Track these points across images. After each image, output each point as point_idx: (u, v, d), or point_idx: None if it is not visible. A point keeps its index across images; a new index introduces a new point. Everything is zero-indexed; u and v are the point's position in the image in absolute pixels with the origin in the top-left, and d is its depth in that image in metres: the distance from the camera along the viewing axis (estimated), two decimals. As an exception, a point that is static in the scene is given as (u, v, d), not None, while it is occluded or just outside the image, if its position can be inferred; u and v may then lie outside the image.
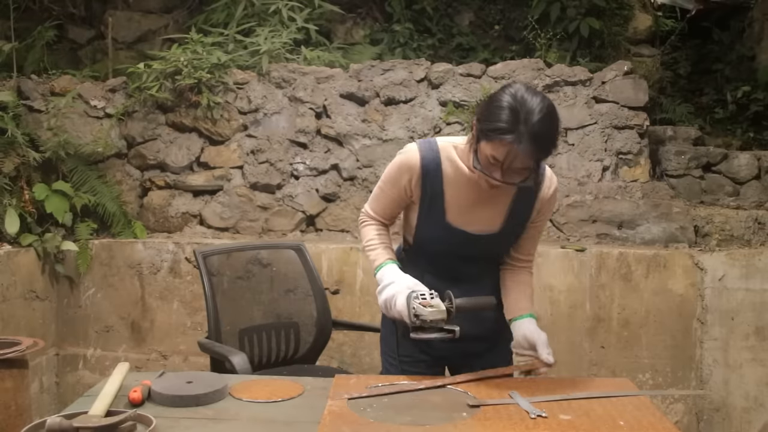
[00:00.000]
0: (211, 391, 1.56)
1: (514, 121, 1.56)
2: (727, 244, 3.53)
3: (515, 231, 1.84)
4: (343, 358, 3.41)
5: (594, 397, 1.59)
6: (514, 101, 1.58)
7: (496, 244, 1.85)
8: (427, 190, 1.79)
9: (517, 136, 1.55)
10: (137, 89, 3.77)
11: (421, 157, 1.77)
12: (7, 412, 2.27)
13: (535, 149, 1.56)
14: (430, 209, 1.80)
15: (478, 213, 1.78)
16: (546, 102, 1.60)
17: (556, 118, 1.61)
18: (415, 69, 3.81)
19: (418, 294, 1.65)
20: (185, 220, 3.81)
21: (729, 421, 3.26)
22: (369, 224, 1.93)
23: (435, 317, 1.61)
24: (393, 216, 1.93)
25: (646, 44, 4.82)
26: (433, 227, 1.82)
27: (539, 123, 1.56)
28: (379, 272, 1.82)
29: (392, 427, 1.40)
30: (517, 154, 1.57)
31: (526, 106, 1.57)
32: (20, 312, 3.27)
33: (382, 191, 1.88)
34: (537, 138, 1.55)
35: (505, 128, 1.56)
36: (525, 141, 1.55)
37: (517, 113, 1.56)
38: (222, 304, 2.37)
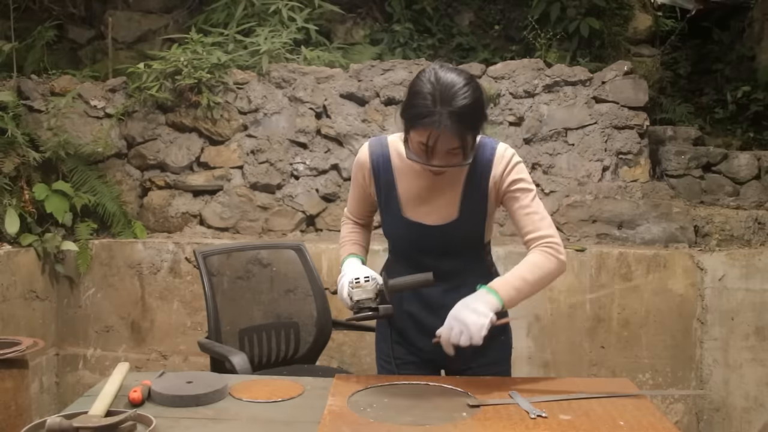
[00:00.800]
0: (211, 391, 1.56)
1: (431, 104, 1.57)
2: (727, 244, 3.53)
3: (475, 216, 1.78)
4: (343, 358, 3.41)
5: (594, 397, 1.59)
6: (429, 84, 1.59)
7: (458, 232, 1.78)
8: (381, 185, 1.82)
9: (436, 118, 1.56)
10: (137, 89, 3.77)
11: (370, 153, 1.83)
12: (7, 412, 2.27)
13: (457, 127, 1.56)
14: (387, 205, 1.83)
15: (433, 203, 1.77)
16: (462, 77, 1.59)
17: (474, 92, 1.58)
18: (415, 69, 3.80)
19: (353, 278, 1.70)
20: (185, 220, 3.81)
21: (729, 421, 3.26)
22: (344, 224, 2.03)
23: (360, 297, 1.68)
24: (365, 214, 1.99)
25: (646, 44, 4.82)
26: (393, 223, 1.84)
27: (456, 100, 1.56)
28: (342, 267, 1.87)
29: (392, 427, 1.40)
30: (439, 136, 1.57)
31: (440, 86, 1.57)
32: (20, 312, 3.27)
33: (351, 192, 1.97)
34: (456, 116, 1.55)
35: (424, 112, 1.57)
36: (445, 120, 1.55)
37: (432, 95, 1.56)
38: (222, 304, 2.37)
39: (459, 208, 1.76)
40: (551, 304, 3.31)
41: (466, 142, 1.60)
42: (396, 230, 1.85)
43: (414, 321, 1.86)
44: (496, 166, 1.74)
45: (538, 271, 1.67)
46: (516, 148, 3.64)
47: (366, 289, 1.68)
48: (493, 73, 3.78)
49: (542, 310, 3.32)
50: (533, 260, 1.69)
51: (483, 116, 1.64)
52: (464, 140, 1.59)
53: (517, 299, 1.66)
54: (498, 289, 1.63)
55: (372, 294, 1.68)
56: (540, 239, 1.71)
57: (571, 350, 3.30)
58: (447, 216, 1.77)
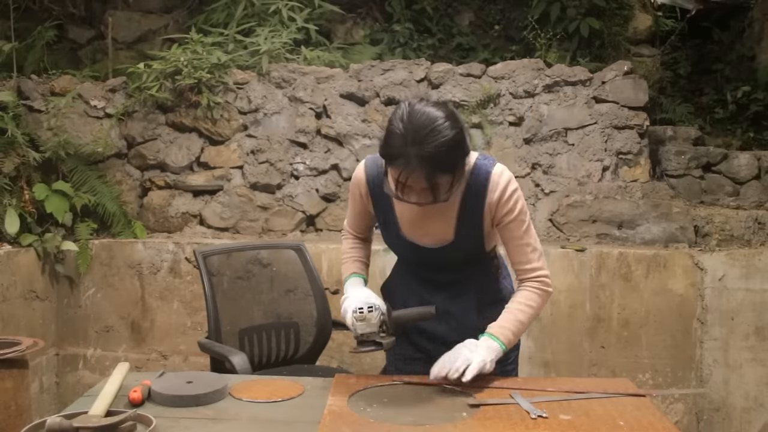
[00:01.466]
0: (211, 391, 1.56)
1: (401, 145, 1.54)
2: (727, 244, 3.53)
3: (471, 237, 1.79)
4: (343, 358, 3.41)
5: (594, 397, 1.59)
6: (401, 123, 1.56)
7: (456, 253, 1.80)
8: (378, 204, 1.83)
9: (405, 160, 1.54)
10: (137, 89, 3.77)
11: (366, 174, 1.82)
12: (7, 412, 2.27)
13: (426, 170, 1.53)
14: (386, 223, 1.84)
15: (429, 226, 1.76)
16: (438, 114, 1.55)
17: (448, 131, 1.54)
18: (415, 69, 3.81)
19: (357, 308, 1.70)
20: (185, 220, 3.81)
21: (729, 421, 3.26)
22: (345, 238, 2.02)
23: (364, 331, 1.69)
24: (364, 229, 1.99)
25: (646, 44, 4.81)
26: (392, 240, 1.86)
27: (426, 143, 1.52)
28: (344, 286, 1.89)
29: (392, 427, 1.40)
30: (410, 176, 1.55)
31: (412, 126, 1.54)
32: (20, 312, 3.27)
33: (350, 206, 1.96)
34: (426, 159, 1.52)
35: (394, 153, 1.56)
36: (414, 163, 1.53)
37: (404, 135, 1.54)
38: (222, 304, 2.37)
39: (454, 231, 1.77)
40: (551, 304, 3.31)
41: (436, 183, 1.57)
42: (395, 247, 1.89)
43: (416, 325, 1.86)
44: (491, 192, 1.73)
45: (530, 311, 1.76)
46: (516, 148, 3.69)
47: (370, 322, 1.69)
48: (493, 73, 3.78)
49: (542, 310, 3.31)
50: (525, 300, 1.76)
51: (459, 155, 1.59)
52: (433, 182, 1.56)
53: (514, 341, 1.74)
54: (499, 336, 1.70)
55: (375, 328, 1.69)
56: (529, 273, 1.78)
57: (571, 350, 3.30)
58: (442, 239, 1.78)
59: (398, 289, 1.91)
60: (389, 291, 1.96)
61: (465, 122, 1.79)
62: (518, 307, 1.75)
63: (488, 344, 1.68)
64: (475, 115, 3.71)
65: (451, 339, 1.85)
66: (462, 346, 1.68)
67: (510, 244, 1.78)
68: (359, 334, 1.70)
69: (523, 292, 1.77)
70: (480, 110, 3.72)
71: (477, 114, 3.71)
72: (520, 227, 1.75)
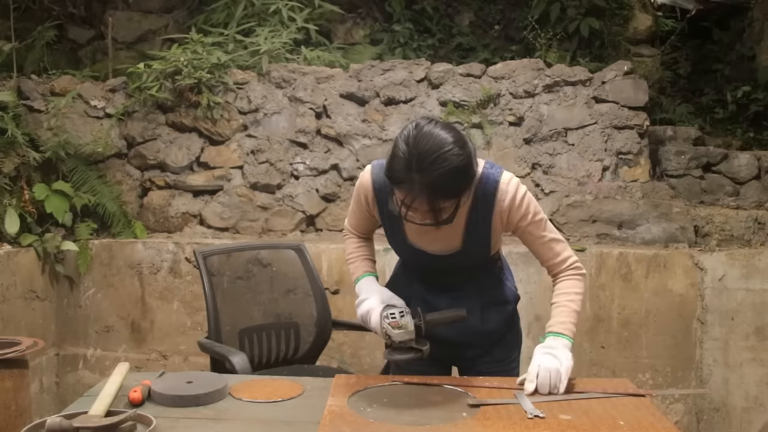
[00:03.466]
0: (211, 391, 1.56)
1: (406, 169, 1.52)
2: (727, 244, 3.53)
3: (479, 245, 1.78)
4: (343, 358, 3.41)
5: (594, 397, 1.59)
6: (407, 146, 1.53)
7: (464, 260, 1.80)
8: (384, 211, 1.80)
9: (409, 185, 1.52)
10: (137, 89, 3.77)
11: (372, 181, 1.79)
12: (7, 412, 2.27)
13: (429, 195, 1.52)
14: (392, 229, 1.83)
15: (436, 234, 1.73)
16: (445, 139, 1.52)
17: (455, 158, 1.51)
18: (415, 69, 3.81)
19: (389, 314, 1.68)
20: (185, 220, 3.81)
21: (729, 421, 3.26)
22: (350, 237, 1.99)
23: (403, 338, 1.65)
24: (367, 231, 1.98)
25: (646, 44, 4.81)
26: (399, 246, 1.85)
27: (431, 170, 1.49)
28: (357, 285, 1.86)
29: (392, 427, 1.40)
30: (414, 200, 1.54)
31: (417, 151, 1.50)
32: (20, 312, 3.27)
33: (353, 209, 1.93)
34: (429, 185, 1.51)
35: (399, 177, 1.54)
36: (417, 188, 1.51)
37: (408, 161, 1.51)
38: (222, 304, 2.37)
39: (462, 240, 1.77)
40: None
41: (440, 208, 1.56)
42: (402, 252, 1.88)
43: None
44: (500, 201, 1.71)
45: (579, 298, 1.78)
46: (516, 148, 3.69)
47: (407, 329, 1.66)
48: (493, 73, 3.78)
49: (542, 310, 3.32)
50: (573, 289, 1.78)
51: (465, 181, 1.56)
52: (437, 207, 1.55)
53: (576, 330, 1.77)
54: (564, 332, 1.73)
55: (413, 335, 1.66)
56: (563, 263, 1.79)
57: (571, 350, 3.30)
58: (450, 247, 1.78)
59: (401, 291, 1.90)
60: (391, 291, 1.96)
61: (465, 122, 1.79)
62: (569, 298, 1.76)
63: (563, 343, 1.70)
64: (475, 115, 3.71)
65: (455, 340, 1.85)
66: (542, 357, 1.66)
67: (535, 246, 1.79)
68: (397, 342, 1.65)
69: (566, 282, 1.79)
70: (480, 110, 3.72)
71: (477, 114, 3.71)
72: (539, 227, 1.76)
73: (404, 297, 1.82)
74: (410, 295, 1.87)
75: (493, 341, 1.89)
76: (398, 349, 1.67)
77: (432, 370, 1.85)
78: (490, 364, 1.88)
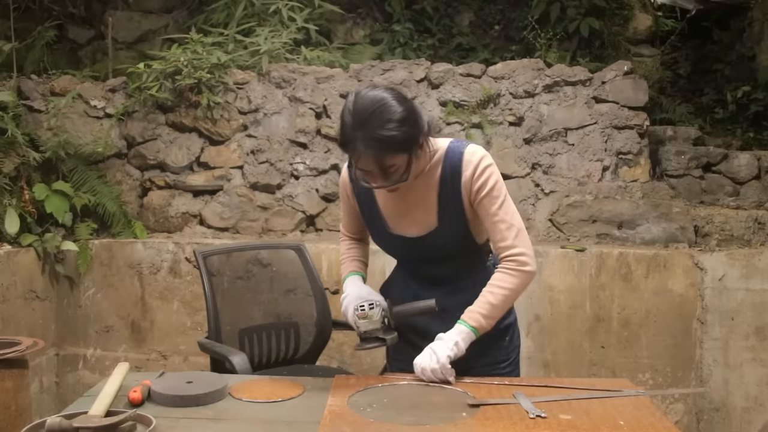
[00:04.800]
0: (211, 391, 1.56)
1: (350, 129, 1.58)
2: (727, 244, 3.53)
3: (455, 222, 1.77)
4: (343, 358, 3.41)
5: (594, 397, 1.59)
6: (346, 111, 1.60)
7: (441, 241, 1.79)
8: (363, 202, 1.86)
9: (354, 144, 1.58)
10: (137, 89, 3.77)
11: (349, 174, 1.86)
12: (7, 412, 2.27)
13: (373, 152, 1.56)
14: (372, 220, 1.87)
15: (412, 215, 1.78)
16: (380, 97, 1.57)
17: (393, 111, 1.56)
18: (415, 69, 3.81)
19: (359, 306, 1.73)
20: (185, 220, 3.81)
21: (729, 421, 3.26)
22: (343, 240, 2.05)
23: (368, 328, 1.71)
24: (359, 230, 2.02)
25: (646, 44, 4.81)
26: (380, 237, 1.88)
27: (370, 124, 1.55)
28: (343, 284, 1.91)
29: (393, 427, 1.40)
30: (360, 161, 1.60)
31: (355, 111, 1.57)
32: (20, 312, 3.27)
33: (342, 209, 2.00)
34: (372, 140, 1.55)
35: (344, 139, 1.60)
36: (361, 146, 1.56)
37: (349, 123, 1.58)
38: (222, 304, 2.37)
39: (437, 217, 1.78)
40: (551, 304, 3.31)
41: (387, 165, 1.59)
42: (383, 243, 1.90)
43: (413, 326, 1.86)
44: (465, 171, 1.73)
45: (501, 293, 1.72)
46: (516, 148, 3.69)
47: (372, 319, 1.71)
48: (493, 73, 3.78)
49: (542, 310, 3.32)
50: (497, 281, 1.73)
51: (409, 134, 1.59)
52: (383, 164, 1.59)
53: (487, 324, 1.72)
54: (468, 320, 1.70)
55: (378, 324, 1.72)
56: (503, 251, 1.74)
57: (571, 350, 3.30)
58: (427, 226, 1.79)
59: (396, 288, 1.92)
60: (387, 291, 1.96)
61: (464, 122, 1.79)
62: (489, 289, 1.73)
63: (458, 329, 1.69)
64: (475, 115, 3.71)
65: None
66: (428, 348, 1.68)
67: (486, 223, 1.75)
68: (362, 332, 1.72)
69: (496, 274, 1.75)
70: (480, 110, 3.72)
71: (477, 114, 3.71)
72: (494, 203, 1.72)
73: (401, 297, 1.82)
74: (407, 294, 1.87)
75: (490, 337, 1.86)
76: (365, 339, 1.73)
77: None
78: (488, 366, 1.87)
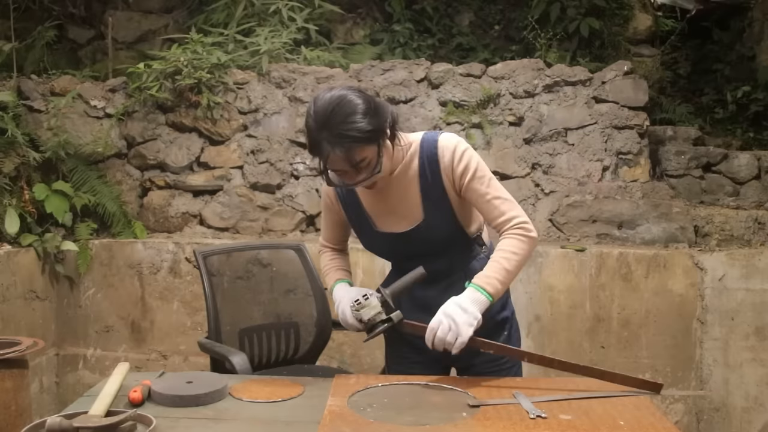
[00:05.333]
0: (211, 391, 1.56)
1: (315, 131, 1.59)
2: (727, 244, 3.53)
3: (441, 213, 1.77)
4: (343, 358, 3.41)
5: (594, 397, 1.59)
6: (308, 116, 1.62)
7: (430, 233, 1.78)
8: (348, 206, 1.86)
9: (321, 148, 1.59)
10: (137, 89, 3.77)
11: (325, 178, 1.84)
12: (7, 412, 2.27)
13: (341, 149, 1.58)
14: (359, 223, 1.87)
15: (398, 211, 1.79)
16: (338, 95, 1.60)
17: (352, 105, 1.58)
18: (415, 69, 3.81)
19: (353, 301, 1.72)
20: (185, 220, 3.81)
21: (729, 421, 3.26)
22: (323, 252, 2.04)
23: (370, 314, 1.70)
24: (341, 239, 2.02)
25: (646, 44, 4.82)
26: (369, 238, 1.88)
27: (332, 121, 1.57)
28: (333, 295, 1.90)
29: (393, 427, 1.40)
30: (329, 161, 1.61)
31: (317, 113, 1.59)
32: (20, 312, 3.27)
33: (324, 218, 1.99)
34: (337, 136, 1.57)
35: (311, 145, 1.62)
36: (328, 145, 1.58)
37: (313, 126, 1.60)
38: (222, 304, 2.37)
39: (422, 209, 1.78)
40: (551, 304, 3.31)
41: (357, 160, 1.61)
42: (373, 245, 1.90)
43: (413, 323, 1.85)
44: (443, 158, 1.74)
45: (514, 257, 1.69)
46: (516, 148, 3.69)
47: (371, 305, 1.70)
48: (493, 73, 3.78)
49: (542, 310, 3.32)
50: (509, 247, 1.70)
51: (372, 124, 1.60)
52: (353, 159, 1.60)
53: (503, 290, 1.70)
54: (485, 286, 1.66)
55: (378, 308, 1.70)
56: (507, 223, 1.73)
57: (571, 350, 3.30)
58: (413, 220, 1.79)
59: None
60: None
61: (464, 122, 1.79)
62: (502, 255, 1.69)
63: (474, 297, 1.64)
64: (475, 115, 3.71)
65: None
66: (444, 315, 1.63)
67: (479, 204, 1.75)
68: (365, 320, 1.70)
69: (504, 241, 1.71)
70: (480, 110, 3.72)
71: (477, 114, 3.71)
72: (482, 183, 1.73)
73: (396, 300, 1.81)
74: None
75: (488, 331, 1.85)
76: (371, 328, 1.71)
77: (432, 371, 1.84)
78: (489, 363, 1.87)
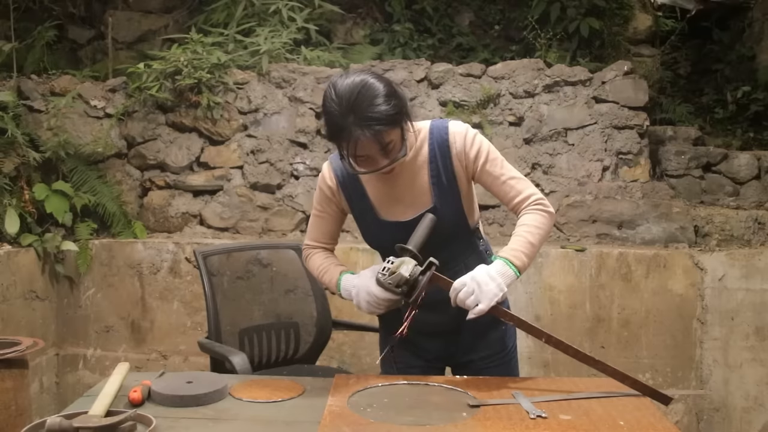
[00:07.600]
0: (211, 391, 1.56)
1: (341, 118, 1.58)
2: (727, 244, 3.53)
3: (450, 199, 1.75)
4: (343, 358, 3.41)
5: (594, 397, 1.59)
6: (330, 100, 1.60)
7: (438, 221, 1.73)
8: (351, 196, 1.82)
9: (349, 130, 1.57)
10: (137, 89, 3.77)
11: (332, 169, 1.83)
12: (7, 412, 2.27)
13: (371, 130, 1.56)
14: (362, 213, 1.83)
15: (405, 199, 1.76)
16: (359, 80, 1.58)
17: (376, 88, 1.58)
18: (415, 69, 3.81)
19: (381, 270, 1.62)
20: (185, 220, 3.81)
21: (729, 421, 3.26)
22: (312, 254, 1.92)
23: (410, 270, 1.59)
24: (334, 236, 1.94)
25: (646, 44, 4.81)
26: (372, 230, 1.83)
27: (359, 105, 1.56)
28: (341, 289, 1.80)
29: (393, 427, 1.40)
30: (359, 146, 1.58)
31: (340, 98, 1.57)
32: (20, 312, 3.27)
33: (318, 215, 1.89)
34: (366, 119, 1.55)
35: (337, 128, 1.59)
36: (357, 129, 1.56)
37: (336, 111, 1.58)
38: (222, 304, 2.37)
39: (431, 195, 1.76)
40: (551, 304, 3.31)
41: (386, 142, 1.60)
42: (377, 236, 1.84)
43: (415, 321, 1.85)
44: (454, 143, 1.74)
45: (538, 232, 1.70)
46: (516, 149, 3.69)
47: (405, 261, 1.59)
48: (493, 73, 3.78)
49: (542, 310, 3.32)
50: (532, 222, 1.70)
51: (397, 105, 1.60)
52: (382, 141, 1.59)
53: (528, 264, 1.70)
54: (513, 261, 1.65)
55: (414, 261, 1.60)
56: (525, 201, 1.74)
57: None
58: (422, 207, 1.76)
59: None
60: None
61: (464, 122, 1.78)
62: (527, 229, 1.69)
63: (503, 270, 1.62)
64: (475, 115, 3.71)
65: (451, 329, 1.84)
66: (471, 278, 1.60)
67: (495, 187, 1.76)
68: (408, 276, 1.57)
69: (525, 216, 1.71)
70: (480, 110, 3.72)
71: (477, 114, 3.71)
72: (497, 165, 1.74)
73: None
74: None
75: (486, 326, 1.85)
76: (413, 286, 1.60)
77: (430, 374, 1.84)
78: (486, 358, 1.87)
